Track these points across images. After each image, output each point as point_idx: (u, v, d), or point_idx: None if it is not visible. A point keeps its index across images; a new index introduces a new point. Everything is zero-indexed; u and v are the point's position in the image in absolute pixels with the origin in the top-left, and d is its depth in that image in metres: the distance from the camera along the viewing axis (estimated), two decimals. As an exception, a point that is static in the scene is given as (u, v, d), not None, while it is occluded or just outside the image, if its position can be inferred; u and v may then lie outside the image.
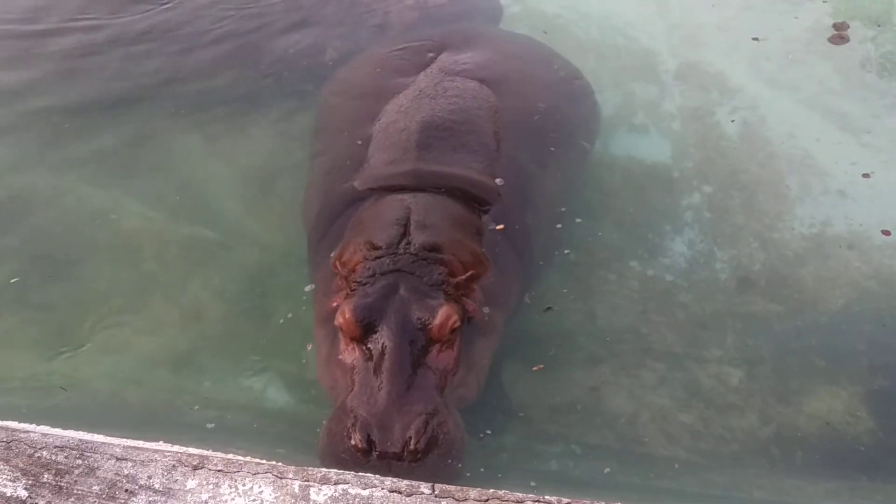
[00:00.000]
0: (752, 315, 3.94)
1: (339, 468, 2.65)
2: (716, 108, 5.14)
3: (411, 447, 2.74)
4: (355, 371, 2.99)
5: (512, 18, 5.80)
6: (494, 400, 3.46)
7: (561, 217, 4.11)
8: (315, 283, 3.65)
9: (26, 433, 2.66)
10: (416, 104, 4.01)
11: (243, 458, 2.67)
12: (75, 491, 2.48)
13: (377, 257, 3.24)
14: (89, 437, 2.71)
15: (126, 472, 2.53)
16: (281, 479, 2.52)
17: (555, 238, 4.09)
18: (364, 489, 2.48)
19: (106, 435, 2.77)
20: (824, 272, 4.15)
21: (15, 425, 2.77)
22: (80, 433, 2.73)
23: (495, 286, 3.42)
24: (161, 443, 2.78)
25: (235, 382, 3.63)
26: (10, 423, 2.79)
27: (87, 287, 4.02)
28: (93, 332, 3.80)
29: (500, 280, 3.47)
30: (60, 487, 2.49)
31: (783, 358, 3.76)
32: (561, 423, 3.50)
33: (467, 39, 4.68)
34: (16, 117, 4.85)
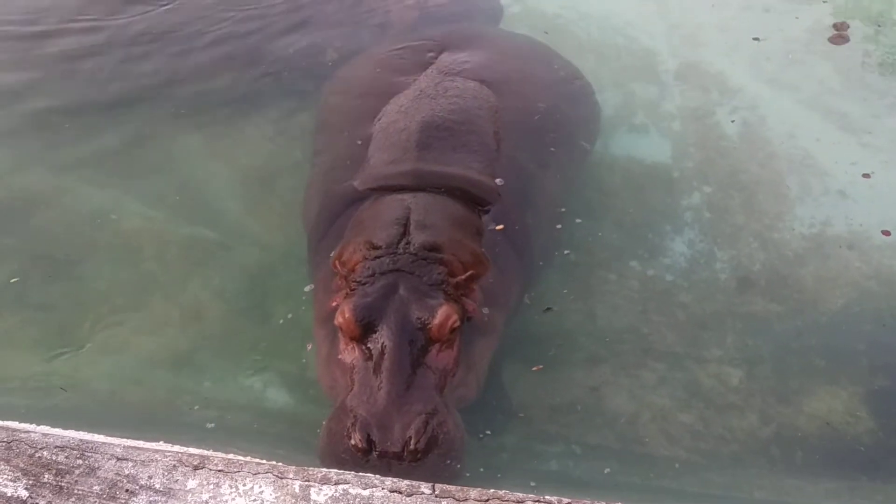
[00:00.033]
0: (753, 315, 3.94)
1: (338, 468, 2.65)
2: (716, 108, 5.14)
3: (411, 447, 2.74)
4: (355, 371, 2.99)
5: (512, 18, 5.80)
6: (494, 400, 3.46)
7: (561, 217, 4.11)
8: (315, 283, 3.65)
9: (27, 433, 2.66)
10: (416, 104, 4.01)
11: (244, 458, 2.67)
12: (76, 491, 2.48)
13: (377, 257, 3.24)
14: (90, 437, 2.71)
15: (127, 472, 2.53)
16: (281, 479, 2.52)
17: (555, 238, 4.08)
18: (364, 489, 2.48)
19: (106, 435, 2.77)
20: (824, 272, 4.15)
21: (15, 425, 2.77)
22: (81, 433, 2.73)
23: (495, 286, 3.42)
24: (161, 443, 2.78)
25: (235, 382, 3.64)
26: (11, 423, 2.78)
27: (87, 287, 4.02)
28: (93, 332, 3.80)
29: (500, 280, 3.47)
30: (61, 487, 2.49)
31: (783, 358, 3.76)
32: (561, 423, 3.50)
33: (468, 39, 4.68)
34: (16, 118, 4.86)
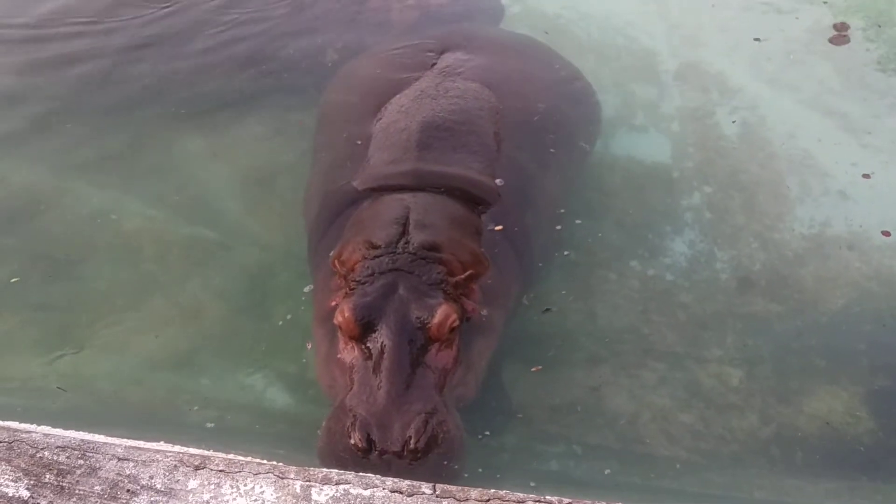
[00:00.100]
0: (753, 315, 3.94)
1: (338, 467, 2.65)
2: (716, 108, 5.14)
3: (411, 446, 2.74)
4: (354, 370, 2.99)
5: (512, 18, 5.80)
6: (494, 400, 3.46)
7: (561, 218, 4.11)
8: (314, 283, 3.65)
9: (28, 433, 2.66)
10: (416, 104, 4.01)
11: (245, 458, 2.67)
12: (77, 491, 2.48)
13: (376, 256, 3.24)
14: (91, 437, 2.71)
15: (128, 473, 2.53)
16: (282, 479, 2.52)
17: (555, 239, 4.08)
18: (365, 489, 2.48)
19: (107, 435, 2.77)
20: (824, 272, 4.15)
21: (16, 426, 2.77)
22: (82, 433, 2.73)
23: (495, 286, 3.42)
24: (162, 443, 2.78)
25: (235, 382, 3.64)
26: (12, 424, 2.79)
27: (87, 287, 4.02)
28: (93, 332, 3.81)
29: (500, 280, 3.47)
30: (62, 488, 2.49)
31: (783, 358, 3.76)
32: (561, 423, 3.50)
33: (468, 39, 4.68)
34: (17, 119, 4.86)
